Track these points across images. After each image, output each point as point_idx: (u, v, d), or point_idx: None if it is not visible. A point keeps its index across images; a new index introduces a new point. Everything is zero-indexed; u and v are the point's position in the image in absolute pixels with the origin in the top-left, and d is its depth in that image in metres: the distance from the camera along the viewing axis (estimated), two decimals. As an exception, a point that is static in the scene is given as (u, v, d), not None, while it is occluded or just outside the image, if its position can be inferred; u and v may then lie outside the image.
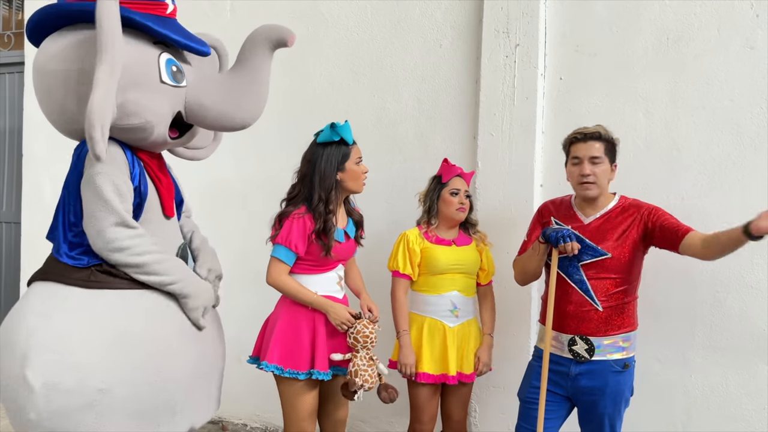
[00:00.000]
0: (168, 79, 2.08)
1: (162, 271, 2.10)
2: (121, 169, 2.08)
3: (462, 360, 2.82)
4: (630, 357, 2.50)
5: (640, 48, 3.00)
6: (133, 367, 2.01)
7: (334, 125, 2.56)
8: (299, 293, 2.54)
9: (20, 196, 4.50)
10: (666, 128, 2.94)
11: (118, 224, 2.03)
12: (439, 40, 3.42)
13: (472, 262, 2.86)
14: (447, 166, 2.90)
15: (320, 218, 2.51)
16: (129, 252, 2.05)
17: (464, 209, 2.84)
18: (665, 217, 2.44)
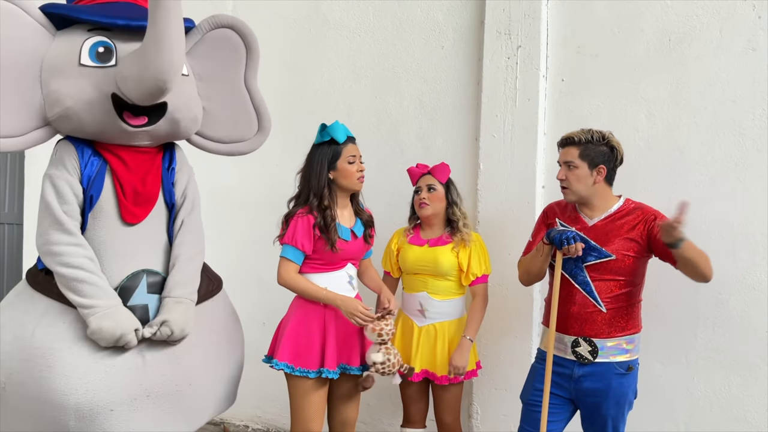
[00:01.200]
0: (89, 61, 2.04)
1: (78, 289, 2.03)
2: (68, 171, 2.08)
3: (432, 360, 2.84)
4: (634, 359, 2.49)
5: (642, 49, 3.00)
6: (22, 376, 2.03)
7: (324, 126, 2.60)
8: (308, 290, 2.57)
9: (23, 198, 4.52)
10: (668, 129, 2.94)
11: (55, 227, 2.05)
12: (440, 42, 3.42)
13: (440, 262, 2.83)
14: (411, 170, 2.97)
15: (318, 212, 2.56)
16: (57, 259, 2.04)
17: (425, 204, 2.86)
18: None
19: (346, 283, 2.64)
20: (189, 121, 2.24)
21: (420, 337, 2.86)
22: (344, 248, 2.60)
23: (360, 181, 2.63)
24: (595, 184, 2.48)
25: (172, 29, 1.88)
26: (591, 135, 2.48)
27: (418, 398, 2.94)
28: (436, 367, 2.83)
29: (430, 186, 2.87)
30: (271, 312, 3.02)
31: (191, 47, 2.36)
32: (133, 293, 2.14)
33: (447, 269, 2.84)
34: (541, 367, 2.59)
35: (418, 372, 2.83)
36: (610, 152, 2.49)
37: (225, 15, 2.43)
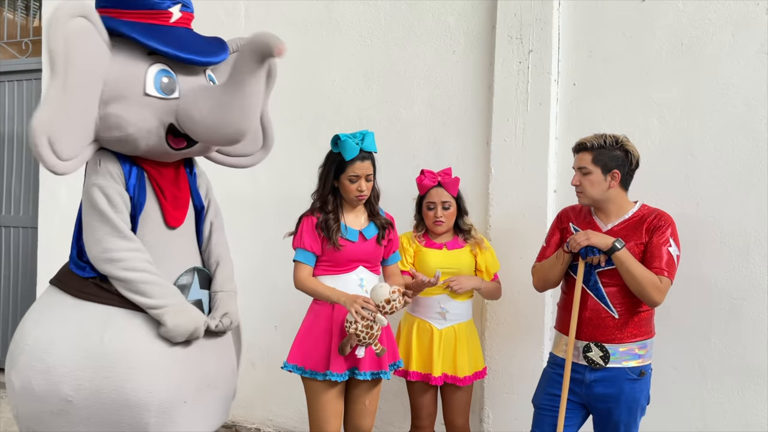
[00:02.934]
0: (154, 92, 2.06)
1: (146, 291, 2.08)
2: (115, 180, 2.12)
3: (451, 362, 2.85)
4: (646, 365, 2.49)
5: (654, 53, 2.99)
6: (98, 383, 2.04)
7: (337, 138, 2.63)
8: (317, 290, 2.62)
9: (37, 202, 4.55)
10: (680, 133, 2.93)
11: (114, 234, 2.08)
12: (452, 47, 3.43)
13: (463, 263, 2.90)
14: (419, 179, 2.95)
15: (321, 214, 2.64)
16: (120, 265, 2.08)
17: (440, 223, 2.88)
18: (658, 242, 2.42)
19: (357, 286, 2.65)
20: (219, 144, 2.32)
21: (441, 340, 2.86)
22: (349, 248, 2.62)
23: (358, 199, 2.65)
24: (609, 188, 2.48)
25: (257, 98, 2.00)
26: (604, 140, 2.48)
27: (430, 405, 2.93)
28: (457, 369, 2.85)
29: (445, 204, 2.88)
30: (283, 316, 3.05)
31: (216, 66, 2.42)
32: (189, 290, 2.24)
33: (468, 270, 2.92)
34: (553, 372, 2.59)
35: (438, 376, 2.83)
36: (625, 156, 2.48)
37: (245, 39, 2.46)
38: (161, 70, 2.08)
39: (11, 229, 4.82)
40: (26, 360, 2.10)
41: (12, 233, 4.82)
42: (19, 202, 4.80)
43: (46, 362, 2.07)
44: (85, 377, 2.04)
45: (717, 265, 2.84)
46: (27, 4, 4.87)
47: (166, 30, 2.12)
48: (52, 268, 2.39)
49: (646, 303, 2.43)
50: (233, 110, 2.01)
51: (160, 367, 2.10)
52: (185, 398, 2.16)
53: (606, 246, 2.39)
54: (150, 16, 2.11)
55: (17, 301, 4.76)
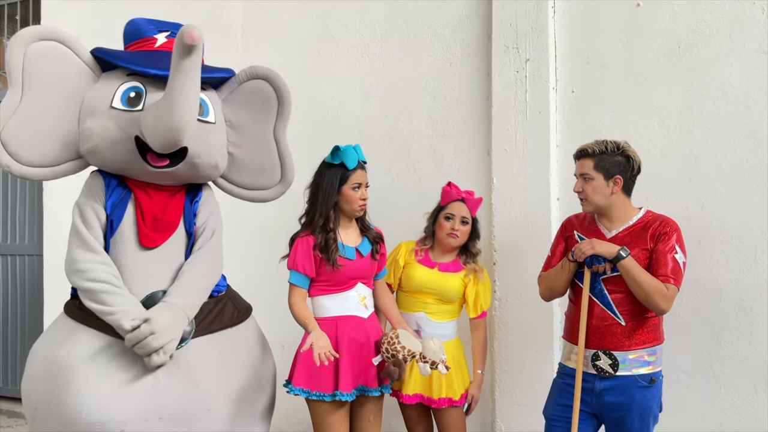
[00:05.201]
0: (119, 104, 2.22)
1: (105, 300, 2.13)
2: (93, 198, 2.26)
3: (427, 383, 2.79)
4: (657, 371, 2.46)
5: (652, 57, 2.98)
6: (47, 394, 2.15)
7: (337, 148, 2.61)
8: (298, 315, 2.56)
9: (42, 229, 4.57)
10: (682, 136, 2.91)
11: (81, 247, 2.20)
12: (449, 59, 3.43)
13: (448, 288, 2.83)
14: (446, 189, 2.91)
15: (320, 233, 2.57)
16: (84, 275, 2.17)
17: (455, 236, 2.82)
18: (663, 249, 2.40)
19: (357, 303, 2.63)
20: (208, 167, 2.36)
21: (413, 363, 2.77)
22: (349, 267, 2.59)
23: (361, 208, 2.63)
24: (612, 194, 2.47)
25: (186, 91, 2.03)
26: (605, 146, 2.47)
27: (419, 420, 2.90)
28: (432, 390, 2.79)
29: (464, 219, 2.84)
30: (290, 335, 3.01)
31: (226, 95, 2.51)
32: None
33: (452, 295, 2.84)
34: (563, 382, 2.56)
35: (412, 395, 2.79)
36: (626, 162, 2.47)
37: (262, 67, 2.53)
38: (131, 87, 2.24)
39: (17, 258, 4.85)
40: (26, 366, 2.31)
41: (18, 261, 4.85)
42: (24, 231, 4.84)
43: (27, 372, 2.28)
44: (42, 388, 2.18)
45: (724, 267, 2.81)
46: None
47: (146, 53, 2.30)
48: (57, 295, 2.45)
49: (652, 311, 2.40)
50: (164, 107, 2.07)
51: (93, 389, 2.09)
52: (124, 426, 2.09)
53: (611, 255, 2.37)
54: (139, 44, 2.33)
55: (24, 329, 4.77)
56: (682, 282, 2.41)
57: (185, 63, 1.98)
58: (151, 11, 2.61)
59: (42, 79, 2.19)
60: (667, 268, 2.38)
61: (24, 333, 4.78)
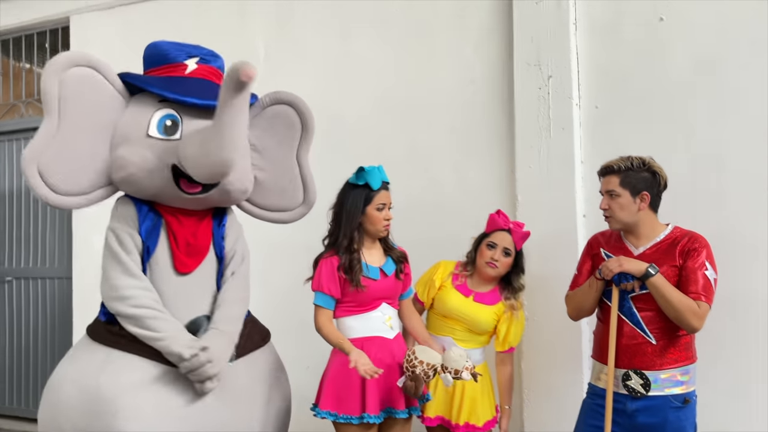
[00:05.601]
0: (156, 133, 2.20)
1: (154, 326, 2.13)
2: (128, 224, 2.24)
3: (448, 406, 2.75)
4: (690, 391, 2.40)
5: (676, 72, 2.96)
6: (88, 423, 2.10)
7: (362, 169, 2.61)
8: (330, 336, 2.56)
9: (71, 253, 4.63)
10: (708, 151, 2.88)
11: (123, 273, 2.17)
12: (470, 76, 3.43)
13: (480, 320, 2.78)
14: (493, 217, 2.85)
15: (344, 254, 2.56)
16: (129, 302, 2.15)
17: (494, 265, 2.76)
18: (693, 266, 2.35)
19: (382, 323, 2.61)
20: (239, 192, 2.38)
21: (438, 381, 2.74)
22: (373, 287, 2.58)
23: (385, 228, 2.62)
24: (639, 211, 2.43)
25: (236, 127, 2.05)
26: (631, 162, 2.44)
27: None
28: (452, 414, 2.75)
29: (507, 250, 2.77)
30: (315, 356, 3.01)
31: (251, 119, 2.47)
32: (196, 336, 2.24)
33: (483, 328, 2.80)
34: (593, 403, 2.52)
35: (433, 417, 2.76)
36: (653, 178, 2.44)
37: (286, 92, 2.57)
38: (166, 115, 2.22)
39: (46, 281, 4.90)
40: (44, 398, 2.24)
41: (48, 285, 4.89)
42: (54, 254, 4.88)
43: (54, 400, 2.19)
44: (79, 417, 2.12)
45: (757, 282, 2.76)
46: (56, 61, 5.03)
47: (178, 80, 2.26)
48: (87, 318, 2.45)
49: (684, 329, 2.35)
50: (212, 141, 2.06)
51: (147, 416, 2.09)
52: None
53: (639, 272, 2.33)
54: (168, 69, 2.29)
55: (54, 352, 4.81)
56: (713, 299, 2.35)
57: (237, 99, 1.99)
58: (177, 35, 2.65)
59: (78, 106, 2.16)
60: (697, 285, 2.33)
61: (54, 356, 4.82)
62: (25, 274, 4.97)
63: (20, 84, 5.06)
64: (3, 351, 5.03)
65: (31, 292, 4.95)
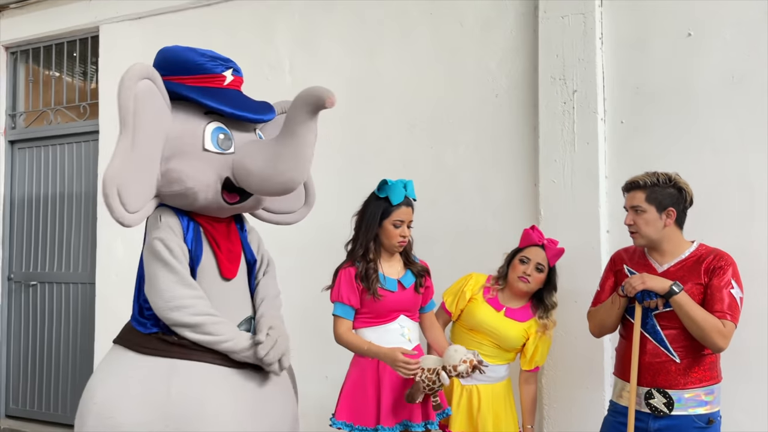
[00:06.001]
0: (212, 147, 2.17)
1: (218, 331, 2.14)
2: (175, 233, 2.21)
3: (471, 424, 2.72)
4: (715, 412, 2.36)
5: (704, 87, 2.93)
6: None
7: (385, 182, 2.62)
8: (355, 344, 2.59)
9: (95, 258, 4.69)
10: (736, 167, 2.85)
11: (179, 283, 2.14)
12: (494, 90, 3.42)
13: (509, 336, 2.75)
14: (527, 232, 2.83)
15: (360, 263, 2.60)
16: (188, 311, 2.12)
17: (526, 280, 2.73)
18: (719, 284, 2.32)
19: (399, 336, 2.61)
20: (264, 200, 2.42)
21: (461, 397, 2.74)
22: (390, 298, 2.59)
23: (400, 245, 2.63)
24: (665, 227, 2.40)
25: (311, 147, 2.10)
26: (657, 178, 2.42)
27: None
28: (478, 430, 2.71)
29: (540, 266, 2.75)
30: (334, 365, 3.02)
31: (262, 126, 2.51)
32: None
33: (511, 344, 2.78)
34: (614, 420, 2.49)
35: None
36: (679, 194, 2.41)
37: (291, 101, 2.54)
38: (217, 128, 2.20)
39: (70, 285, 4.95)
40: (94, 420, 2.12)
41: (71, 289, 4.94)
42: (78, 259, 4.93)
43: (114, 421, 2.09)
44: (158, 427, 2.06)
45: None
46: (84, 70, 5.12)
47: (220, 91, 2.25)
48: (109, 324, 2.45)
49: (709, 348, 2.32)
50: (287, 160, 2.10)
51: (231, 415, 2.12)
52: None
53: (663, 290, 2.30)
54: (206, 80, 2.25)
55: (76, 357, 4.86)
56: (739, 318, 2.32)
57: (313, 122, 2.06)
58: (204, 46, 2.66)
59: (146, 121, 2.09)
60: (723, 303, 2.30)
61: (75, 360, 4.88)
62: (49, 278, 5.03)
63: (50, 92, 5.15)
64: (27, 354, 5.09)
65: (55, 296, 5.00)
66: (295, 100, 2.08)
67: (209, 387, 2.13)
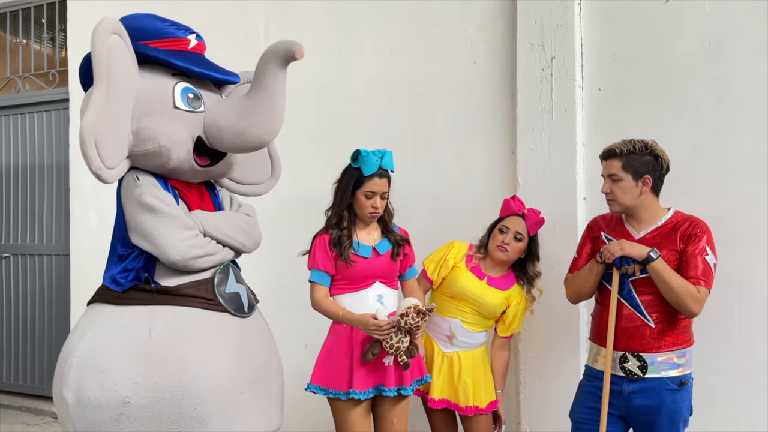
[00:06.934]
0: (183, 105, 2.20)
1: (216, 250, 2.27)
2: (161, 189, 2.23)
3: (453, 389, 2.76)
4: (687, 374, 2.41)
5: (682, 53, 2.92)
6: (153, 377, 2.09)
7: (358, 152, 2.61)
8: (329, 310, 2.60)
9: (68, 229, 4.61)
10: (714, 134, 2.85)
11: (182, 227, 2.18)
12: (473, 57, 3.39)
13: (490, 304, 2.78)
14: (508, 202, 2.84)
15: (334, 230, 2.62)
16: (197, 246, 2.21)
17: (504, 249, 2.74)
18: (693, 251, 2.34)
19: (375, 302, 2.62)
20: (233, 165, 2.43)
21: (443, 364, 2.79)
22: (363, 264, 2.60)
23: (372, 216, 2.62)
24: (641, 195, 2.42)
25: (282, 100, 2.12)
26: (633, 145, 2.42)
27: (445, 426, 2.87)
28: (459, 397, 2.76)
29: (518, 235, 2.75)
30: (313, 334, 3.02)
31: (228, 94, 2.53)
32: (226, 285, 2.33)
33: (492, 312, 2.80)
34: (590, 384, 2.52)
35: (438, 400, 2.76)
36: (655, 161, 2.42)
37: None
38: (186, 87, 2.23)
39: (44, 257, 4.88)
40: (77, 372, 2.13)
41: (45, 261, 4.88)
42: (51, 231, 4.86)
43: (98, 368, 2.10)
44: (140, 374, 2.08)
45: (756, 268, 2.75)
46: (53, 36, 4.97)
47: (186, 54, 2.29)
48: (85, 295, 2.43)
49: (683, 313, 2.35)
50: (260, 113, 2.12)
51: (214, 355, 2.16)
52: (242, 388, 2.21)
53: (641, 256, 2.32)
54: (171, 43, 2.29)
55: (52, 329, 4.82)
56: (713, 284, 2.35)
57: (283, 74, 2.09)
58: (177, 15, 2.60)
59: (118, 74, 2.09)
60: (697, 270, 2.33)
61: (51, 333, 4.83)
62: (22, 250, 4.97)
63: (17, 59, 5.01)
64: (1, 327, 5.03)
65: (28, 269, 4.94)
66: (264, 54, 2.10)
67: (191, 329, 2.16)
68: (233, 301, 2.32)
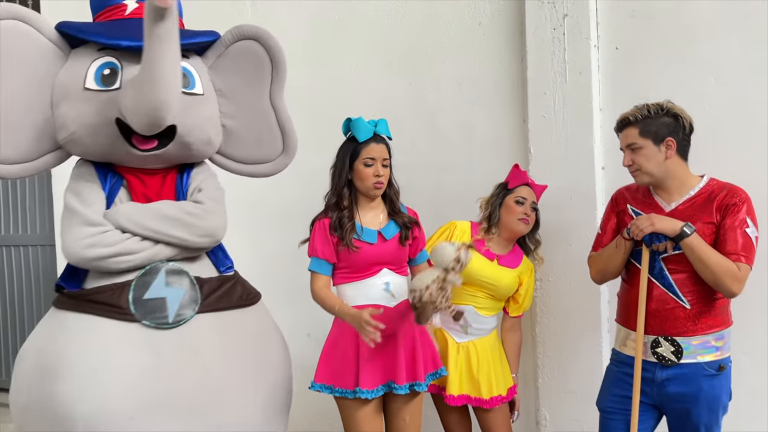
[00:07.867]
0: (93, 85, 2.02)
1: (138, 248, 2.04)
2: (87, 181, 2.11)
3: (472, 383, 2.62)
4: (725, 357, 2.23)
5: (705, 7, 2.73)
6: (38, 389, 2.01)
7: (349, 120, 2.45)
8: (327, 304, 2.43)
9: (53, 218, 4.49)
10: (741, 93, 2.66)
11: (82, 224, 2.03)
12: (477, 18, 3.21)
13: (504, 285, 2.66)
14: (516, 171, 2.72)
15: (333, 213, 2.43)
16: (101, 245, 2.01)
17: (527, 221, 2.63)
18: (732, 223, 2.15)
19: (382, 291, 2.43)
20: (201, 143, 2.19)
21: (458, 356, 2.63)
22: (368, 251, 2.41)
23: (376, 187, 2.42)
24: (667, 159, 2.22)
25: (165, 62, 1.83)
26: (648, 109, 2.24)
27: (460, 422, 2.73)
28: (482, 390, 2.61)
29: (534, 205, 2.65)
30: (315, 323, 2.90)
31: (213, 61, 2.30)
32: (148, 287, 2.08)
33: (505, 293, 2.68)
34: (618, 371, 2.36)
35: (457, 396, 2.61)
36: (675, 121, 2.23)
37: (249, 25, 2.29)
38: (104, 63, 2.04)
39: (29, 248, 4.79)
40: (14, 371, 2.17)
41: (30, 252, 4.79)
42: (35, 221, 4.76)
43: (16, 371, 2.13)
44: (33, 382, 2.03)
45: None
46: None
47: (117, 23, 2.10)
48: (72, 285, 2.30)
49: (722, 293, 2.17)
50: (142, 83, 1.87)
51: (97, 375, 1.96)
52: (131, 414, 1.97)
53: (674, 232, 2.13)
54: (107, 12, 2.14)
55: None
56: (754, 259, 2.15)
57: (159, 29, 1.78)
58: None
59: (9, 64, 1.99)
60: (737, 244, 2.13)
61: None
62: (6, 241, 4.87)
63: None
64: (-13, 321, 4.94)
65: (13, 260, 4.85)
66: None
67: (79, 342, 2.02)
68: (153, 309, 2.05)
